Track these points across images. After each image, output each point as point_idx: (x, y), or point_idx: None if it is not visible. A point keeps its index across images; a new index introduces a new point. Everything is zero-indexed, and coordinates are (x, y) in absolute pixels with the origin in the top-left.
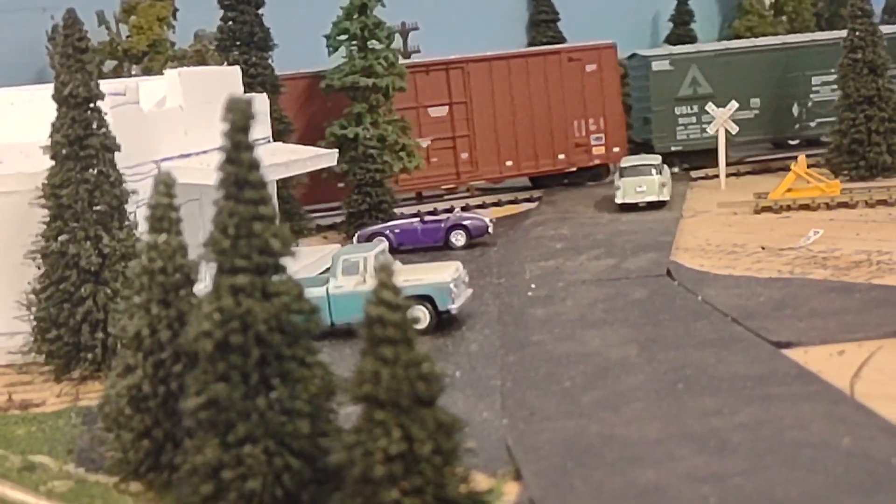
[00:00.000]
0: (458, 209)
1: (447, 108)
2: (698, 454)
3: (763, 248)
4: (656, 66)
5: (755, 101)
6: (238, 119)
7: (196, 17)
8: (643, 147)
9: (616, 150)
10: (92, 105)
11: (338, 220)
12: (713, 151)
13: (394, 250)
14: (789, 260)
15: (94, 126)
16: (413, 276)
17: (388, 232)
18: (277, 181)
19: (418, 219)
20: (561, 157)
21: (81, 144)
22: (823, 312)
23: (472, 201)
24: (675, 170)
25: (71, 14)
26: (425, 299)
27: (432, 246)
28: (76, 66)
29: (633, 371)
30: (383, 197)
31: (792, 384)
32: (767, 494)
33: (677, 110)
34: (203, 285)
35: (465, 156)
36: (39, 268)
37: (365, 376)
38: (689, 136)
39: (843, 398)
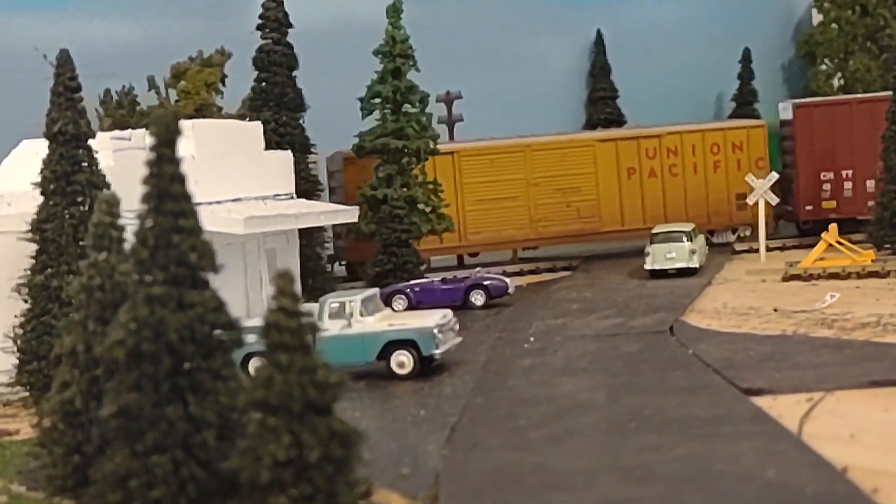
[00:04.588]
0: (478, 270)
1: None
2: (620, 483)
3: (776, 310)
4: None
5: None
6: (162, 132)
7: (246, 84)
8: None
9: None
10: (81, 142)
11: None
12: None
13: (413, 309)
14: (798, 321)
15: (83, 163)
16: (399, 321)
17: (408, 290)
18: (301, 239)
19: (440, 279)
20: None
21: (68, 180)
22: (806, 365)
23: (509, 268)
24: None
25: (63, 54)
26: (409, 344)
27: (451, 305)
28: (66, 104)
29: (591, 412)
30: (409, 257)
31: (742, 424)
32: None
33: None
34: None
35: None
36: (26, 301)
37: (259, 382)
38: None
39: (787, 437)
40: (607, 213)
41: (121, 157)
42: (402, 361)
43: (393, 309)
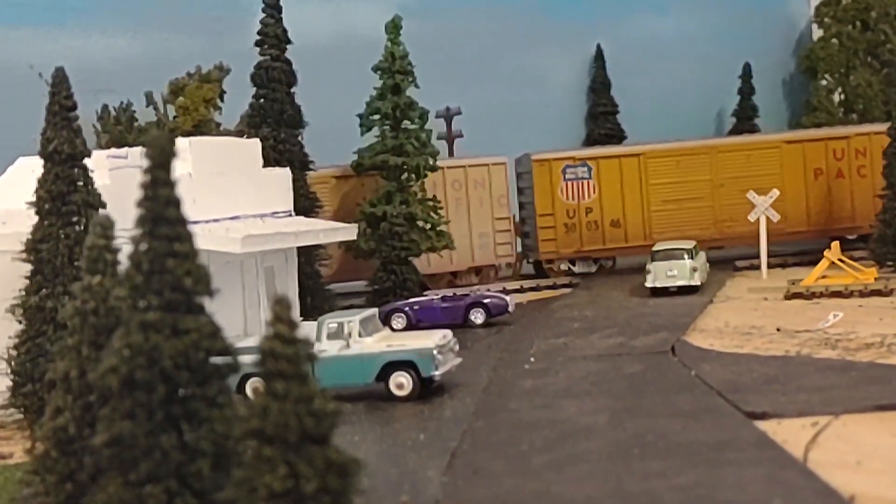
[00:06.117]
0: (478, 287)
1: None
2: None
3: (778, 330)
4: None
5: None
6: (157, 155)
7: (245, 100)
8: None
9: None
10: (76, 162)
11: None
12: None
13: (413, 327)
14: (801, 341)
15: (79, 183)
16: (398, 342)
17: (407, 309)
18: (300, 257)
19: (439, 297)
20: None
21: (64, 200)
22: (811, 388)
23: (509, 285)
24: None
25: (59, 72)
26: (408, 365)
27: (451, 324)
28: (62, 123)
29: (594, 437)
30: (408, 275)
31: (747, 450)
32: None
33: None
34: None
35: None
36: (20, 322)
37: (254, 411)
38: None
39: (793, 464)
40: (793, 214)
41: (117, 176)
42: (402, 383)
43: (392, 327)
